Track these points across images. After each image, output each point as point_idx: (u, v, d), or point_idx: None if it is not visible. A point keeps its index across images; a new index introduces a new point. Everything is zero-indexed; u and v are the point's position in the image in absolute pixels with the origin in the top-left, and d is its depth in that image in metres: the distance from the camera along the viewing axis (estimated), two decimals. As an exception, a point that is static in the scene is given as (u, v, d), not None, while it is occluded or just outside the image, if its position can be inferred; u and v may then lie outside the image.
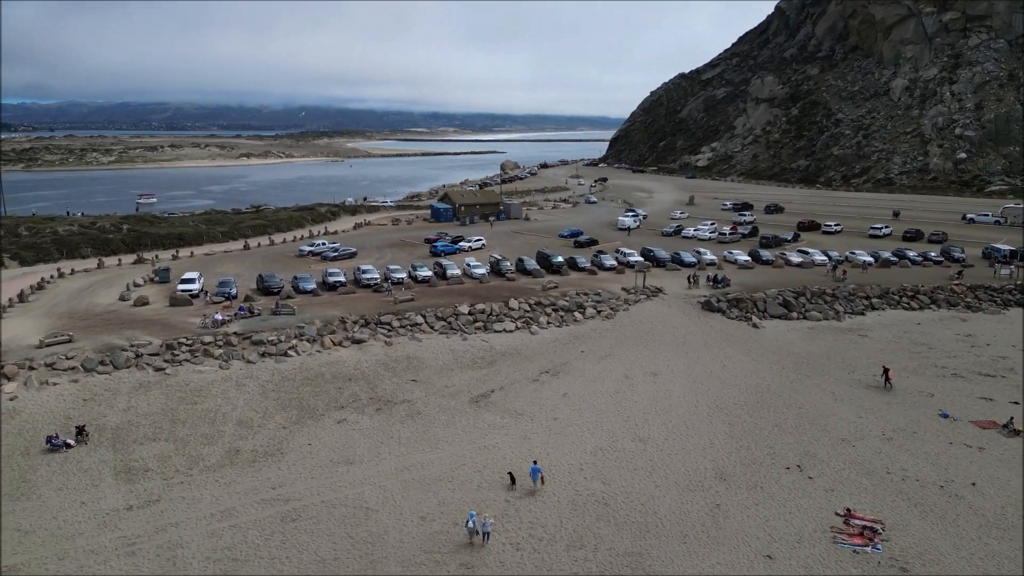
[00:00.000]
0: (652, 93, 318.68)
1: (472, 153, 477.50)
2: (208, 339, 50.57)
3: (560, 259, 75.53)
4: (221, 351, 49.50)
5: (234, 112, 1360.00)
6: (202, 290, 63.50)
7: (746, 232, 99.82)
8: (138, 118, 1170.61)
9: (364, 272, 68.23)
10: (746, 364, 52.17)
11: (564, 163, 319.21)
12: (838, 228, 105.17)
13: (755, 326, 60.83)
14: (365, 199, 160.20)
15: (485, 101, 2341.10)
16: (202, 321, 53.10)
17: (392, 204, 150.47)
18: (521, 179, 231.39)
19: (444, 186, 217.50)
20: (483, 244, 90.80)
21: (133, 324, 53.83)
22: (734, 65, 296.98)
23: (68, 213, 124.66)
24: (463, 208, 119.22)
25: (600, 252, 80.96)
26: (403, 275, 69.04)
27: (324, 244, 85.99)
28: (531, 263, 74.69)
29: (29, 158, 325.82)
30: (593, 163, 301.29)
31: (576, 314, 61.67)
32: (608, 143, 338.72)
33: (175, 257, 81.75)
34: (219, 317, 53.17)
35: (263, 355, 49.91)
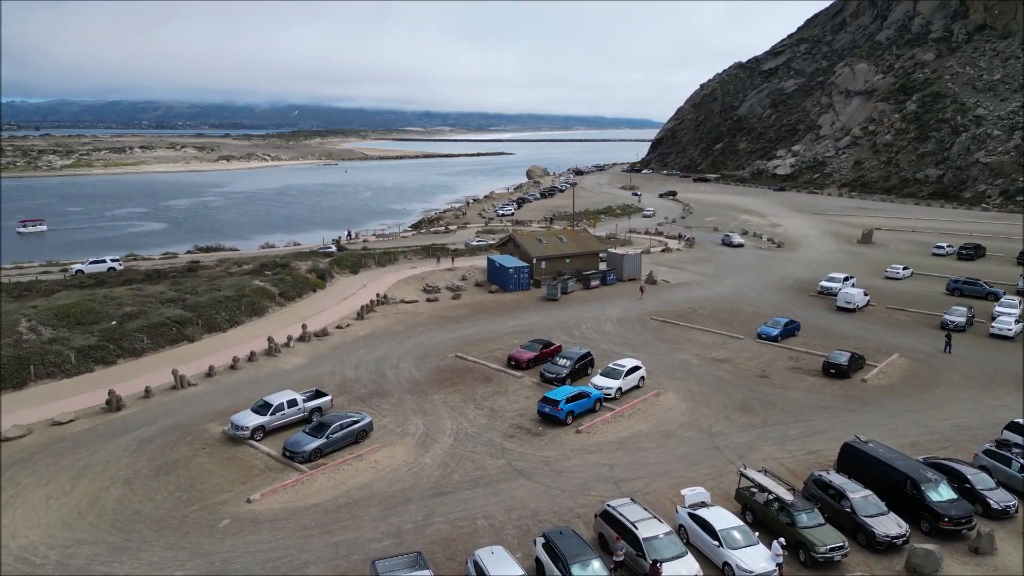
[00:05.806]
0: (702, 86, 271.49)
1: (478, 155, 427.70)
2: None
3: (901, 532, 25.78)
4: None
5: (226, 111, 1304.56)
6: None
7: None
8: (128, 116, 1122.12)
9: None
10: None
11: (599, 168, 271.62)
12: None
13: None
14: (350, 234, 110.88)
15: (478, 100, 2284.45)
16: None
17: (411, 238, 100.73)
18: (560, 191, 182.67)
19: (468, 202, 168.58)
20: (643, 376, 42.57)
21: None
22: (803, 52, 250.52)
23: None
24: (543, 264, 69.47)
25: (1002, 456, 31.44)
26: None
27: (295, 402, 36.73)
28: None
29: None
30: (634, 169, 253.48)
31: None
32: (650, 144, 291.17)
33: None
34: None
35: None
